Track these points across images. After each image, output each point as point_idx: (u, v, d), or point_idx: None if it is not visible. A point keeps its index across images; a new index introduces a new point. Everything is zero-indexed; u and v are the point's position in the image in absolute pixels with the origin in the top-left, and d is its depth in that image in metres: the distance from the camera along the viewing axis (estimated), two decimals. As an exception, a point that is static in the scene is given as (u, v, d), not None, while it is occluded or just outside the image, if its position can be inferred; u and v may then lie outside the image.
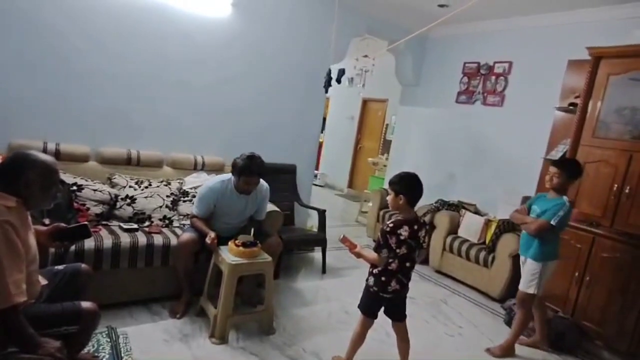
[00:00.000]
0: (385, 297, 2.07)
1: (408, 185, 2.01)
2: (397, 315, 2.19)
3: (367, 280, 2.15)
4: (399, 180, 2.03)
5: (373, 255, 2.07)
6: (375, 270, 2.07)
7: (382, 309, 2.17)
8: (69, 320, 1.56)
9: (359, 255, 2.10)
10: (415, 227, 2.01)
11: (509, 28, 4.18)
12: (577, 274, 3.08)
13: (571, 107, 3.55)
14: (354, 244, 2.15)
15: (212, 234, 2.48)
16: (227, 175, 2.69)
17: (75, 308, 1.58)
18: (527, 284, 2.64)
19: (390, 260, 2.01)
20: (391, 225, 2.00)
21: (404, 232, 1.98)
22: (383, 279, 2.04)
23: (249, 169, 2.51)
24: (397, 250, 1.99)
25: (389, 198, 2.06)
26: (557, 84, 3.75)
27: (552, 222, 2.51)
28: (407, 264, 2.05)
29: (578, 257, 3.09)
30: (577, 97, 3.53)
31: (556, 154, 3.67)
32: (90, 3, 2.88)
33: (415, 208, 2.12)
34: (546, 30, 3.89)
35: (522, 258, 2.76)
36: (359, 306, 2.20)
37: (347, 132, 8.00)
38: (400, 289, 2.07)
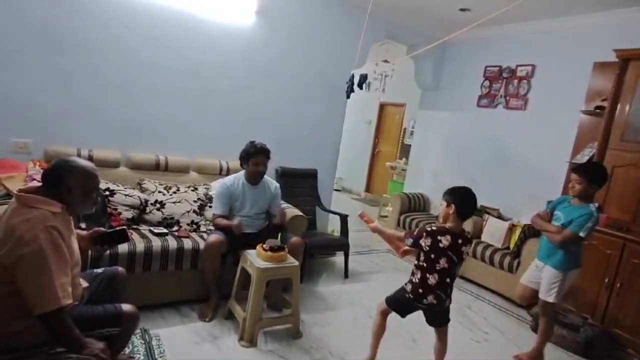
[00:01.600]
0: (420, 307, 2.07)
1: (460, 196, 2.01)
2: (437, 323, 2.18)
3: (405, 284, 2.14)
4: (452, 191, 2.05)
5: (394, 233, 2.16)
6: (415, 279, 2.06)
7: (425, 317, 2.17)
8: (111, 322, 1.61)
9: (375, 230, 2.20)
10: (460, 240, 1.98)
11: (532, 31, 4.14)
12: (607, 280, 3.02)
13: (597, 111, 3.49)
14: (371, 219, 2.25)
15: (236, 221, 2.62)
16: (238, 173, 2.91)
17: (116, 310, 1.63)
18: (546, 293, 2.55)
19: (428, 275, 2.00)
20: (434, 227, 2.00)
21: (445, 240, 1.96)
22: (421, 291, 2.03)
23: (254, 149, 2.73)
24: (437, 265, 1.97)
25: (441, 208, 2.07)
26: (582, 86, 3.69)
27: (581, 234, 2.40)
28: (448, 280, 2.02)
29: (608, 263, 3.04)
30: (603, 100, 3.48)
31: (582, 158, 3.61)
32: (123, 17, 2.99)
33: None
34: (571, 32, 3.84)
35: (539, 263, 2.66)
36: (386, 299, 2.18)
37: (365, 137, 8.01)
38: (437, 304, 2.04)
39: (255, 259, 2.46)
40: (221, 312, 2.68)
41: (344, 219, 3.84)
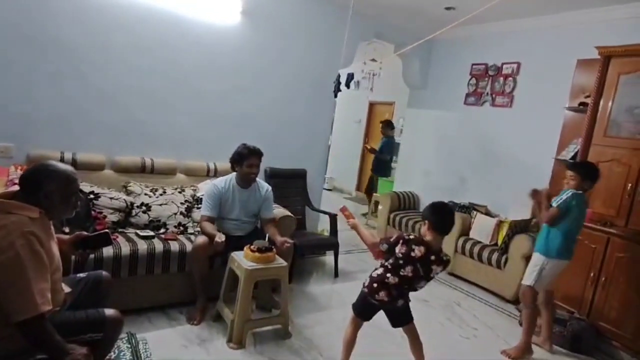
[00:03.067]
0: (373, 303, 2.05)
1: (433, 212, 1.99)
2: (401, 322, 2.15)
3: (364, 280, 2.14)
4: (428, 207, 2.03)
5: (370, 236, 2.15)
6: (374, 274, 2.05)
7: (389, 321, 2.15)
8: (94, 328, 1.59)
9: (354, 227, 2.22)
10: (433, 256, 1.94)
11: (516, 29, 4.18)
12: (592, 274, 3.06)
13: (581, 107, 3.54)
14: (352, 215, 2.27)
15: (221, 236, 2.51)
16: (229, 175, 2.87)
17: (99, 315, 1.61)
18: (527, 276, 2.69)
19: (389, 275, 1.97)
20: (412, 236, 1.97)
21: (418, 250, 1.92)
22: (375, 285, 2.01)
23: (247, 150, 2.71)
24: (401, 270, 1.95)
25: (422, 224, 2.07)
26: (566, 83, 3.74)
27: (554, 204, 2.58)
28: (406, 287, 2.00)
29: (593, 257, 3.08)
30: (587, 96, 3.53)
31: (567, 154, 3.66)
32: (105, 17, 2.95)
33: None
34: (554, 30, 3.89)
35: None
36: (352, 305, 2.18)
37: (354, 136, 8.02)
38: (388, 302, 2.02)
39: (243, 260, 2.45)
40: (209, 314, 2.66)
41: (333, 218, 3.84)
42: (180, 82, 3.34)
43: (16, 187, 1.56)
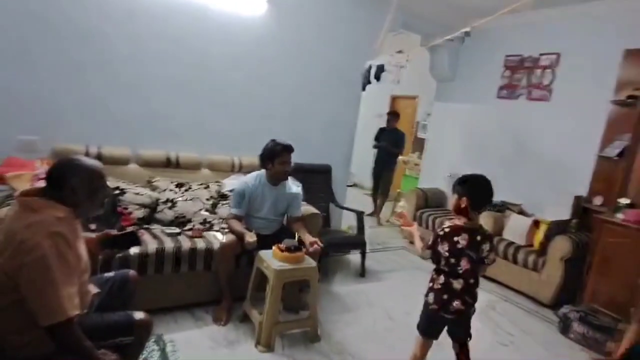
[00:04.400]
0: (447, 318, 1.85)
1: (473, 187, 1.81)
2: (460, 335, 1.95)
3: (426, 296, 1.92)
4: (463, 181, 1.84)
5: (419, 245, 1.94)
6: (436, 285, 1.86)
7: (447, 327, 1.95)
8: (124, 332, 1.51)
9: (410, 235, 2.05)
10: (478, 237, 1.80)
11: (556, 17, 3.94)
12: (641, 280, 2.85)
13: (629, 100, 3.31)
14: (411, 222, 2.09)
15: (252, 235, 2.42)
16: (259, 172, 2.73)
17: (129, 319, 1.53)
18: None
19: (452, 279, 1.81)
20: (446, 229, 1.80)
21: (462, 240, 1.77)
22: (445, 297, 1.82)
23: (280, 147, 2.59)
24: (458, 267, 1.79)
25: (452, 200, 1.88)
26: (611, 75, 3.51)
27: None
28: (472, 281, 1.83)
29: (642, 261, 2.87)
30: (636, 89, 3.30)
31: (612, 151, 3.44)
32: (131, 7, 2.87)
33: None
34: (598, 18, 3.64)
35: None
36: (417, 326, 1.95)
37: (376, 130, 7.81)
38: (465, 310, 1.83)
39: (272, 259, 2.34)
40: (235, 314, 2.57)
41: (360, 215, 3.71)
42: (204, 74, 3.25)
43: (42, 183, 1.49)
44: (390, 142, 5.39)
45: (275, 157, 2.58)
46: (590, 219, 3.49)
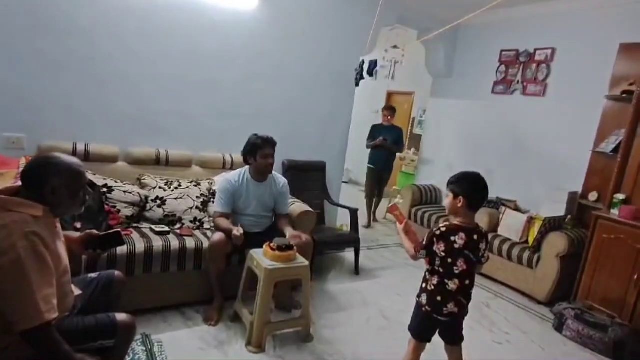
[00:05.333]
0: (440, 320, 1.79)
1: (469, 186, 1.76)
2: (453, 337, 1.89)
3: (418, 297, 1.87)
4: (458, 180, 1.78)
5: (410, 245, 1.82)
6: (430, 286, 1.80)
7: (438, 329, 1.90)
8: (105, 334, 1.46)
9: (406, 231, 1.86)
10: (475, 236, 1.75)
11: (551, 12, 3.89)
12: (636, 276, 2.83)
13: (624, 95, 3.27)
14: (403, 216, 1.91)
15: (239, 229, 2.37)
16: (242, 168, 2.71)
17: (111, 321, 1.48)
18: None
19: (447, 280, 1.76)
20: (443, 229, 1.75)
21: (459, 239, 1.72)
22: (439, 298, 1.77)
23: (260, 140, 2.55)
24: (455, 268, 1.73)
25: (447, 200, 1.82)
26: (606, 70, 3.47)
27: None
28: (467, 282, 1.78)
29: (637, 258, 2.84)
30: (631, 84, 3.26)
31: (607, 146, 3.41)
32: (119, 2, 2.80)
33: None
34: (594, 12, 3.60)
35: None
36: (409, 328, 1.90)
37: (370, 129, 7.78)
38: (458, 312, 1.78)
39: (262, 258, 2.30)
40: (227, 314, 2.53)
41: (354, 213, 3.68)
42: (195, 70, 3.19)
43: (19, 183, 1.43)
44: (390, 141, 4.91)
45: (257, 151, 2.53)
46: (586, 215, 3.46)
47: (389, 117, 5.01)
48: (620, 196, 3.05)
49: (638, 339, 2.69)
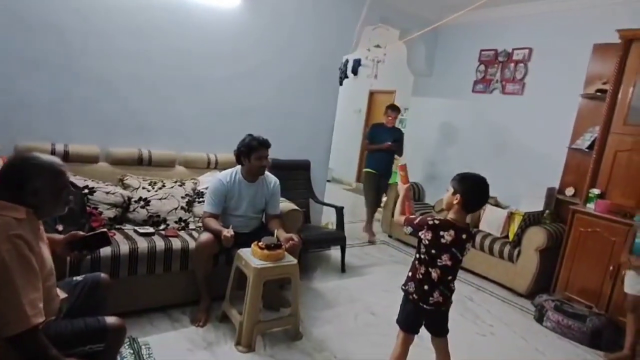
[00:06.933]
0: (425, 309, 1.82)
1: (469, 188, 1.77)
2: (438, 329, 1.92)
3: (404, 285, 1.89)
4: (462, 179, 1.80)
5: (401, 213, 1.95)
6: (418, 275, 1.83)
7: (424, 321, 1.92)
8: (94, 338, 1.43)
9: (404, 193, 1.97)
10: (464, 235, 1.78)
11: (528, 13, 4.01)
12: (611, 267, 2.96)
13: (598, 94, 3.41)
14: (407, 178, 2.02)
15: (230, 230, 2.35)
16: (233, 168, 2.67)
17: (100, 324, 1.45)
18: None
19: (431, 269, 1.80)
20: (437, 221, 1.77)
21: (447, 235, 1.75)
22: (426, 287, 1.79)
23: (256, 142, 2.53)
24: (438, 260, 1.77)
25: (446, 194, 1.83)
26: (581, 69, 3.60)
27: None
28: (449, 277, 1.82)
29: (612, 250, 2.97)
30: (604, 83, 3.39)
31: (582, 143, 3.54)
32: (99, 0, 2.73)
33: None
34: (569, 13, 3.72)
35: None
36: (397, 321, 1.93)
37: (354, 125, 7.84)
38: (443, 302, 1.82)
39: (251, 258, 2.29)
40: (214, 314, 2.51)
41: (339, 211, 3.70)
42: (178, 69, 3.14)
43: None
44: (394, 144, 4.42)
45: (251, 152, 2.52)
46: (563, 209, 3.59)
47: (391, 118, 4.43)
48: (596, 191, 3.18)
49: (613, 328, 2.81)
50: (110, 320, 1.48)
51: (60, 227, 2.16)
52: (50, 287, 1.38)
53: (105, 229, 1.68)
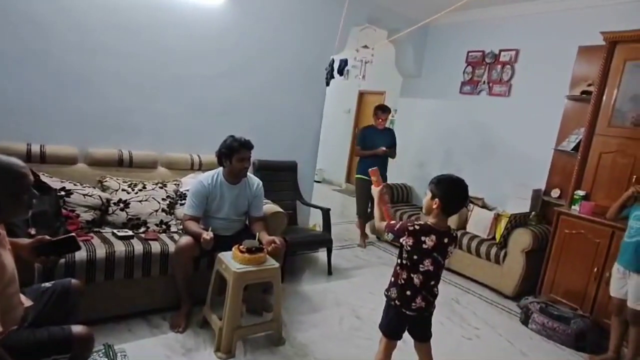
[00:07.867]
0: (408, 315, 1.79)
1: (447, 191, 1.73)
2: (421, 334, 1.89)
3: (387, 291, 1.86)
4: (439, 182, 1.76)
5: (380, 218, 1.90)
6: (400, 280, 1.80)
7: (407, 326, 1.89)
8: (59, 348, 1.37)
9: (379, 196, 1.91)
10: (446, 239, 1.75)
11: (515, 14, 4.02)
12: (595, 269, 2.96)
13: (583, 96, 3.41)
14: (380, 181, 1.96)
15: (209, 233, 2.30)
16: (215, 170, 2.63)
17: (64, 334, 1.39)
18: (637, 301, 2.37)
19: (413, 275, 1.76)
20: (417, 227, 1.73)
21: (429, 240, 1.72)
22: (409, 293, 1.77)
23: (237, 143, 2.48)
24: (420, 266, 1.74)
25: (425, 198, 1.81)
26: (567, 71, 3.61)
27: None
28: (432, 282, 1.80)
29: (596, 252, 2.97)
30: (589, 85, 3.40)
31: (568, 145, 3.54)
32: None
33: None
34: (555, 15, 3.73)
35: (620, 269, 2.47)
36: (380, 326, 1.89)
37: (344, 126, 7.81)
38: (426, 307, 1.80)
39: (231, 261, 2.24)
40: (195, 320, 2.45)
41: (326, 212, 3.65)
42: (161, 67, 3.07)
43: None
44: (387, 147, 4.22)
45: (233, 154, 2.46)
46: (549, 211, 3.59)
47: (382, 120, 4.23)
48: (581, 192, 3.18)
49: (597, 330, 2.80)
50: (76, 329, 1.42)
51: (32, 231, 2.08)
52: (11, 294, 1.32)
53: (73, 234, 1.61)
